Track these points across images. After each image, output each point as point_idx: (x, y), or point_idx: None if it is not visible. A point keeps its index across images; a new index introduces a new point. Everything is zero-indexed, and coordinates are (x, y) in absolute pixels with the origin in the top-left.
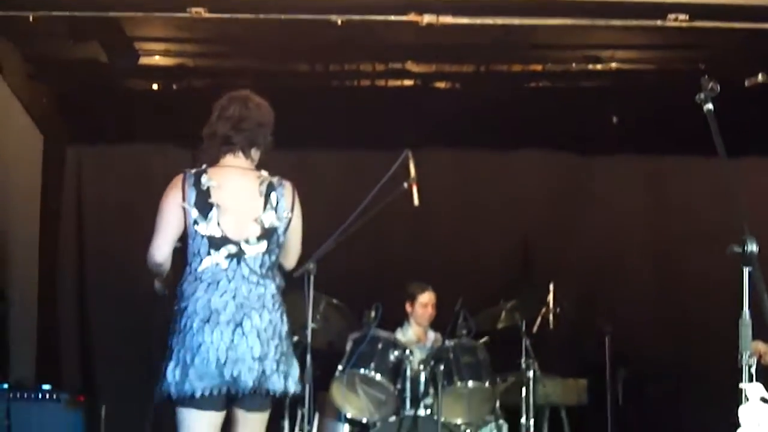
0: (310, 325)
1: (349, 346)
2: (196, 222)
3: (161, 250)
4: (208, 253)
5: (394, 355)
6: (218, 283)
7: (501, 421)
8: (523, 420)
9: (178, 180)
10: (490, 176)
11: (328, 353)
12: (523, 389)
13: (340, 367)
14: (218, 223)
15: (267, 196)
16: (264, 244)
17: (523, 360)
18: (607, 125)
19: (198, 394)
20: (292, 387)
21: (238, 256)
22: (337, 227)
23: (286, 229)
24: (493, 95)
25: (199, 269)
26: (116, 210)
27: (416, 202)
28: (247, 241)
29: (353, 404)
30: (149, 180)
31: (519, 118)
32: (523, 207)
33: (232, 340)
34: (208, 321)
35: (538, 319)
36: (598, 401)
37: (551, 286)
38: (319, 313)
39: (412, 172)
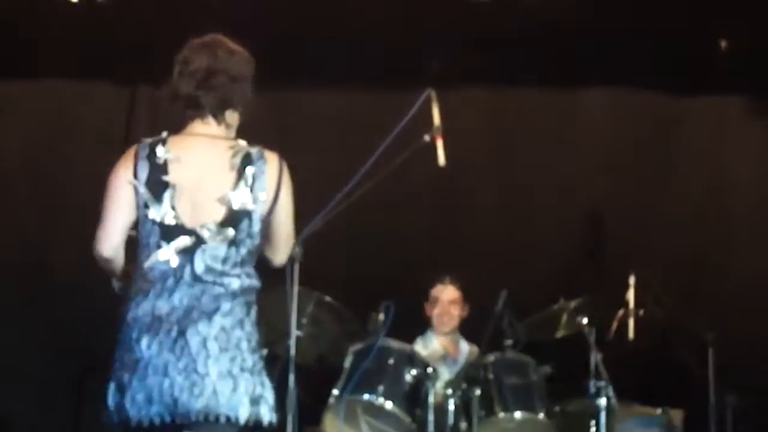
0: (294, 331)
1: (348, 362)
2: (146, 205)
3: (109, 241)
4: (158, 246)
5: (411, 374)
6: (165, 281)
7: None
8: None
9: (130, 152)
10: (544, 125)
11: (319, 371)
12: (592, 423)
13: (335, 392)
14: (172, 207)
15: (240, 171)
16: (229, 231)
17: (591, 382)
18: (711, 52)
19: (134, 424)
20: (266, 416)
21: (193, 249)
22: (332, 197)
23: (267, 215)
24: (551, 10)
25: (146, 265)
26: (20, 169)
27: (441, 161)
28: (205, 227)
29: None
30: (66, 131)
31: (585, 43)
32: (590, 168)
33: (173, 352)
34: (148, 331)
35: (614, 325)
36: None
37: (631, 279)
38: (306, 316)
39: (437, 119)
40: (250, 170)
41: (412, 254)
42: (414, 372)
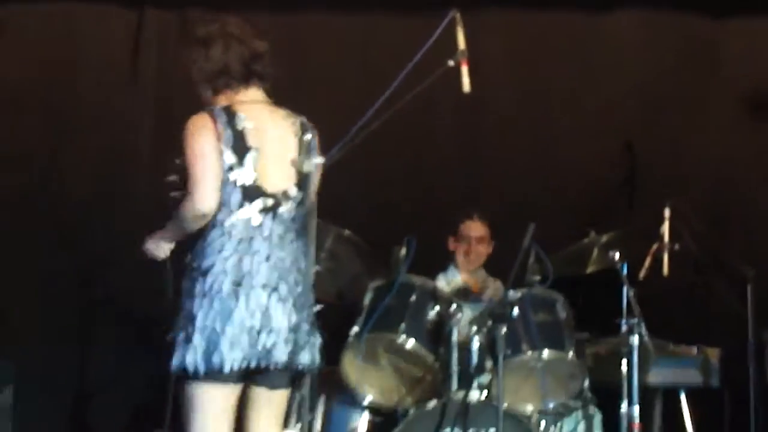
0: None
1: (368, 298)
2: (231, 168)
3: (209, 199)
4: (241, 205)
5: (434, 311)
6: (251, 240)
7: (592, 409)
8: (623, 407)
9: (204, 119)
10: (572, 50)
11: (338, 309)
12: (624, 362)
13: (355, 329)
14: (254, 170)
15: (301, 138)
16: (300, 194)
17: (624, 319)
18: None
19: (227, 368)
20: (318, 359)
21: (274, 209)
22: (351, 126)
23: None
24: None
25: (227, 223)
26: (24, 93)
27: (466, 87)
28: (285, 193)
29: (375, 383)
30: (71, 55)
31: None
32: (621, 95)
33: (268, 308)
34: (240, 284)
35: (647, 260)
36: (735, 380)
37: (666, 211)
38: (324, 251)
39: (461, 43)
40: (307, 137)
41: (434, 186)
42: (437, 309)
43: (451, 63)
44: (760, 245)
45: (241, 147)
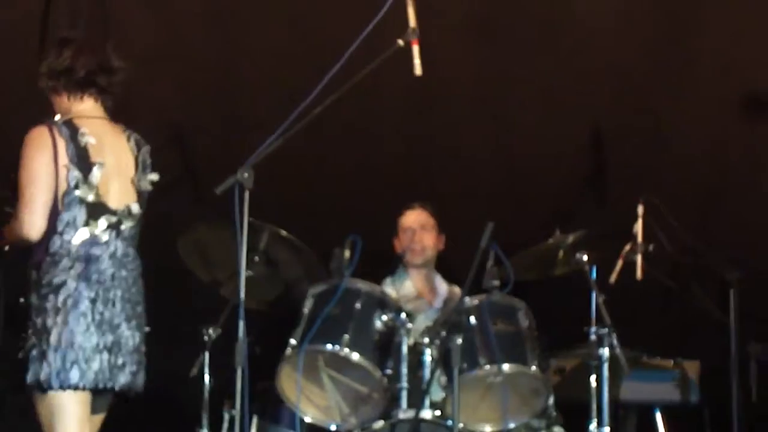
0: (243, 270)
1: (308, 306)
2: (76, 186)
3: (38, 225)
4: (86, 223)
5: (381, 320)
6: (98, 258)
7: (557, 429)
8: (592, 427)
9: (44, 133)
10: (534, 27)
11: (273, 318)
12: (593, 377)
13: (293, 341)
14: (98, 186)
15: (137, 155)
16: (140, 212)
17: (592, 329)
18: None
19: (82, 383)
20: (143, 382)
21: (117, 227)
22: (289, 113)
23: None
24: None
25: (74, 240)
26: None
27: (418, 70)
28: (128, 210)
29: (316, 400)
30: None
31: None
32: (589, 77)
33: (118, 326)
34: (94, 301)
35: (619, 263)
36: (716, 397)
37: (639, 209)
38: (258, 253)
39: (412, 20)
40: (143, 154)
41: (382, 181)
42: (384, 318)
43: (400, 43)
44: (747, 246)
45: (85, 164)
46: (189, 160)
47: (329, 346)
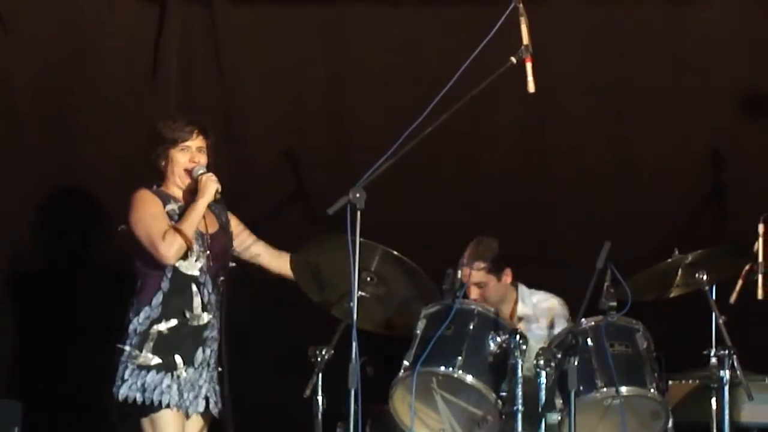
0: (356, 291)
1: (421, 327)
2: None
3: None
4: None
5: (495, 341)
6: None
7: None
8: None
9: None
10: (653, 45)
11: (386, 339)
12: (713, 400)
13: (405, 363)
14: None
15: None
16: None
17: (712, 351)
18: None
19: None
20: None
21: None
22: (399, 133)
23: None
24: None
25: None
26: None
27: (531, 87)
28: None
29: (429, 423)
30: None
31: None
32: (709, 95)
33: None
34: None
35: (739, 283)
36: None
37: (761, 227)
38: (370, 274)
39: (525, 37)
40: None
41: (493, 201)
42: (498, 339)
43: (513, 60)
44: None
45: None
46: (301, 181)
47: (443, 368)
